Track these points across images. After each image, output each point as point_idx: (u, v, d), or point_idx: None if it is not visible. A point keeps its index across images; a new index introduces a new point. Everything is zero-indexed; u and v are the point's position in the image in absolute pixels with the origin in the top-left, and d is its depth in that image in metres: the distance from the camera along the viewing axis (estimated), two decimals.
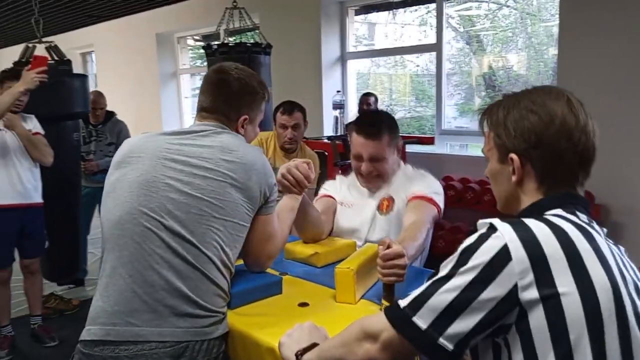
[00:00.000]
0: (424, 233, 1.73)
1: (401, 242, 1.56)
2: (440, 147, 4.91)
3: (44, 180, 3.40)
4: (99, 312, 1.34)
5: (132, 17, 7.40)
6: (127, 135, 4.55)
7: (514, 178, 1.04)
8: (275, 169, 3.04)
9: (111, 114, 4.54)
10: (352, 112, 5.43)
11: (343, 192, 2.12)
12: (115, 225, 1.37)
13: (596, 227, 1.01)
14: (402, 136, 3.81)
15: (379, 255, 1.38)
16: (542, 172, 1.02)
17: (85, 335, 1.34)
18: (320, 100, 5.29)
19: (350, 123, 1.79)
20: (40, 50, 3.69)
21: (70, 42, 9.01)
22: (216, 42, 4.46)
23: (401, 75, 6.22)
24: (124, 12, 7.09)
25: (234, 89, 1.52)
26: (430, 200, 1.89)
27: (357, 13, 5.59)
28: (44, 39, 3.84)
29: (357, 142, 1.96)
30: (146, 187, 1.37)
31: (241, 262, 1.55)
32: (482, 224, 0.97)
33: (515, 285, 0.88)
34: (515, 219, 0.97)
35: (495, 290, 0.89)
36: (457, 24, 5.27)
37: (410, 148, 4.30)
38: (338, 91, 3.57)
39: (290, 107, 3.02)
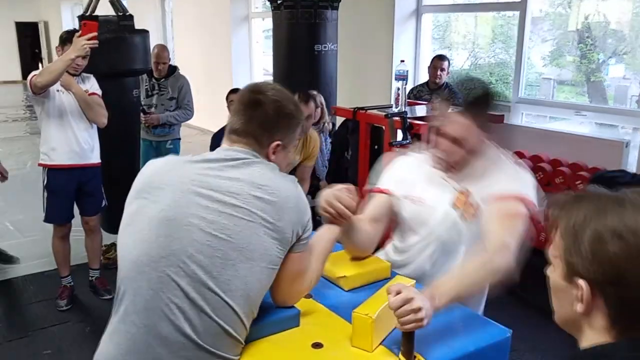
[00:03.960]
0: (488, 277, 1.50)
1: (446, 279, 1.42)
2: (514, 116, 4.59)
3: (104, 136, 3.44)
4: (108, 358, 1.30)
5: None
6: (188, 90, 4.52)
7: (579, 307, 0.82)
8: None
9: (174, 69, 4.52)
10: (423, 71, 5.13)
11: (407, 180, 1.80)
12: (132, 267, 1.30)
13: None
14: None
15: (389, 304, 1.27)
16: (616, 313, 0.81)
17: None
18: (390, 60, 5.02)
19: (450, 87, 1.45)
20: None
21: None
22: None
23: (486, 18, 5.73)
24: None
25: (269, 111, 1.39)
26: (522, 200, 1.61)
27: None
28: None
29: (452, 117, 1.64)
30: (167, 226, 1.27)
31: None
32: None
33: None
34: None
35: None
36: None
37: None
38: (402, 60, 3.31)
39: (306, 97, 2.86)
